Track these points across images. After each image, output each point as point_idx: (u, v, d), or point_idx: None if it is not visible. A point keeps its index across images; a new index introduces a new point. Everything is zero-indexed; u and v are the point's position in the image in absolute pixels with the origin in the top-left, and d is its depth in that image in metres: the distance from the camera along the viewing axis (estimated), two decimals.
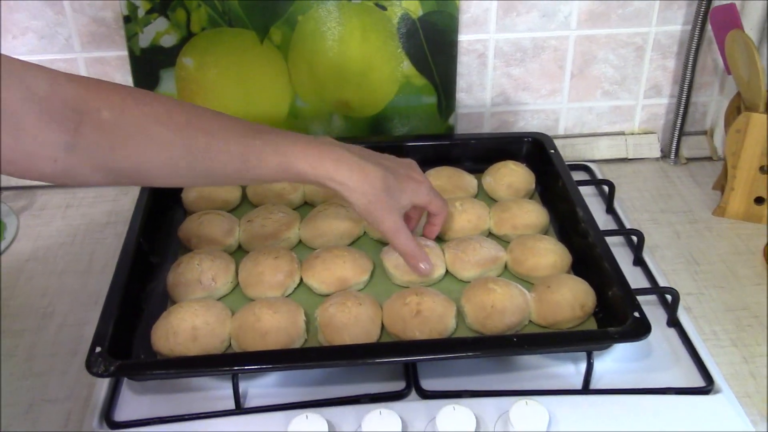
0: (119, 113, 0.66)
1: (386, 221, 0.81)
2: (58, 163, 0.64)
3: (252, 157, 0.73)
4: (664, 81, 1.20)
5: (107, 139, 0.66)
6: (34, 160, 0.63)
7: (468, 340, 0.79)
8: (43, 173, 0.65)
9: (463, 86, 1.17)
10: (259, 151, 0.73)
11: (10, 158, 0.62)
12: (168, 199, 1.04)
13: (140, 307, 0.88)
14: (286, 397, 0.78)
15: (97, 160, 0.66)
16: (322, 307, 0.84)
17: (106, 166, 0.67)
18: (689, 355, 0.83)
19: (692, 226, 1.08)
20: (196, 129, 0.70)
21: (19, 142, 0.62)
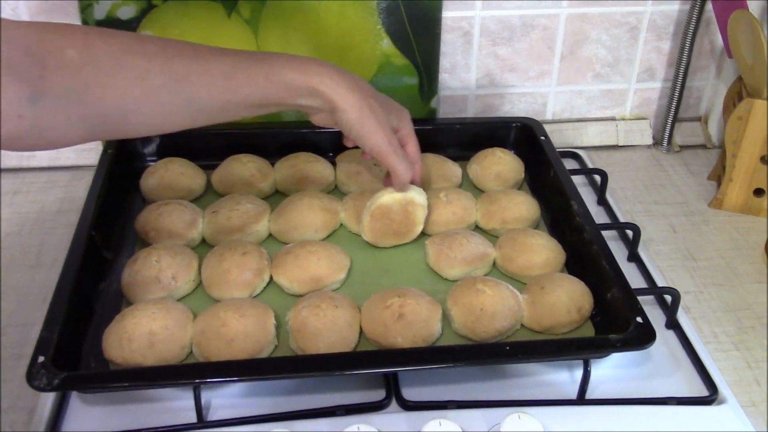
0: (85, 49, 0.60)
1: (378, 133, 0.76)
2: (25, 120, 0.58)
3: (236, 73, 0.68)
4: (659, 64, 1.16)
5: (77, 81, 0.60)
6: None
7: (456, 348, 0.72)
8: (8, 134, 0.58)
9: (447, 66, 1.12)
10: (243, 66, 0.68)
11: None
12: (125, 186, 0.97)
13: (91, 308, 0.80)
14: (253, 408, 0.72)
15: (69, 107, 0.60)
16: (295, 309, 0.76)
17: (80, 114, 0.61)
18: (690, 360, 0.79)
19: (688, 219, 1.04)
20: (172, 54, 0.65)
21: None
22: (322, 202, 0.90)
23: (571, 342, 0.74)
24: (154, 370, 0.71)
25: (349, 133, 0.76)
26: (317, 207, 0.89)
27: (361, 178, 0.96)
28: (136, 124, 0.65)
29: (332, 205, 0.91)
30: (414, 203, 0.86)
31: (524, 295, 0.80)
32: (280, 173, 0.97)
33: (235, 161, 0.97)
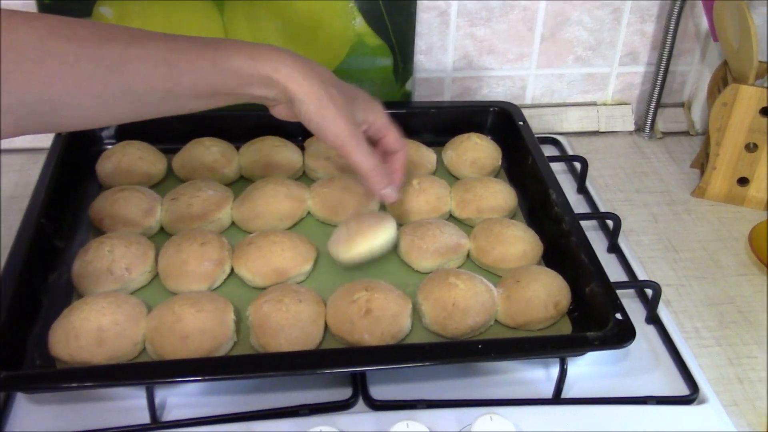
0: (7, 34, 0.54)
1: (339, 124, 0.68)
2: None
3: (179, 59, 0.61)
4: (642, 47, 1.13)
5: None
6: None
7: (425, 346, 0.68)
8: None
9: (422, 48, 1.08)
10: (185, 51, 0.61)
11: None
12: (81, 171, 0.92)
13: (39, 301, 0.76)
14: (212, 407, 0.69)
15: None
16: (255, 304, 0.72)
17: (4, 104, 0.55)
18: (670, 356, 0.77)
19: (670, 208, 1.01)
20: (105, 39, 0.58)
21: None
22: (288, 189, 0.86)
23: (546, 340, 0.71)
24: (100, 369, 0.66)
25: (308, 125, 0.69)
26: (282, 194, 0.85)
27: (330, 165, 0.92)
28: (67, 116, 0.59)
29: (299, 193, 0.87)
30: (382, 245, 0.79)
31: (499, 289, 0.76)
32: (245, 158, 0.93)
33: (198, 145, 0.92)
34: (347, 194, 0.86)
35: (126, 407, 0.68)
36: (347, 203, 0.85)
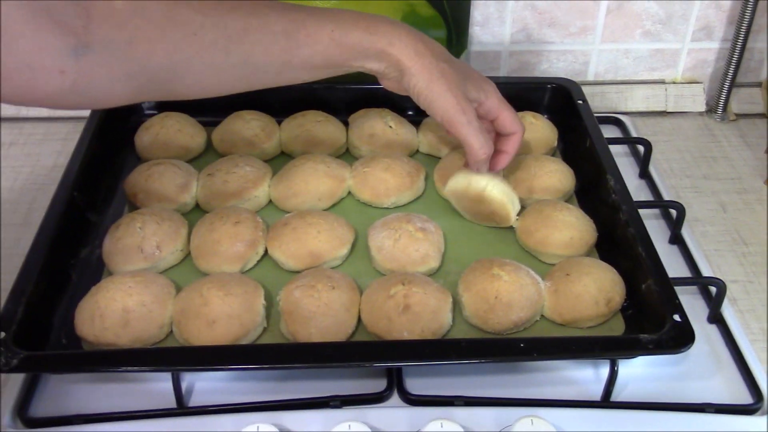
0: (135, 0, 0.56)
1: (448, 99, 0.68)
2: (67, 76, 0.53)
3: (299, 30, 0.63)
4: (717, 21, 1.08)
5: (124, 33, 0.55)
6: (35, 73, 0.52)
7: (462, 343, 0.64)
8: (48, 92, 0.54)
9: (479, 19, 1.05)
10: (305, 23, 0.63)
11: (4, 74, 0.51)
12: (120, 142, 0.90)
13: (68, 277, 0.74)
14: (238, 394, 0.68)
15: (114, 62, 0.56)
16: (286, 289, 0.70)
17: (125, 70, 0.57)
18: (733, 359, 0.73)
19: (740, 197, 0.96)
20: (229, 8, 0.60)
21: (12, 51, 0.50)
22: (329, 168, 0.83)
23: (594, 341, 0.66)
24: (121, 353, 0.65)
25: (417, 99, 0.70)
26: (322, 173, 0.82)
27: (375, 142, 0.88)
28: (185, 84, 0.61)
29: (339, 171, 0.83)
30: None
31: (546, 283, 0.72)
32: (286, 133, 0.90)
33: (238, 118, 0.90)
34: (389, 175, 0.82)
35: (152, 390, 0.67)
36: (389, 184, 0.82)
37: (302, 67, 0.65)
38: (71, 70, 0.54)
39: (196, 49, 0.59)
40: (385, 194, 0.82)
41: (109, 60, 0.55)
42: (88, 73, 0.55)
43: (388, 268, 0.74)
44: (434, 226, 0.77)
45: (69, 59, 0.53)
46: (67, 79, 0.54)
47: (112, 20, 0.54)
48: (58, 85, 0.54)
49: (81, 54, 0.53)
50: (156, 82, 0.59)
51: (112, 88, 0.57)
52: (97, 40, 0.54)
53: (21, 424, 0.64)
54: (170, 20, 0.57)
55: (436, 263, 0.75)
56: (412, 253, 0.74)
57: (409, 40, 0.67)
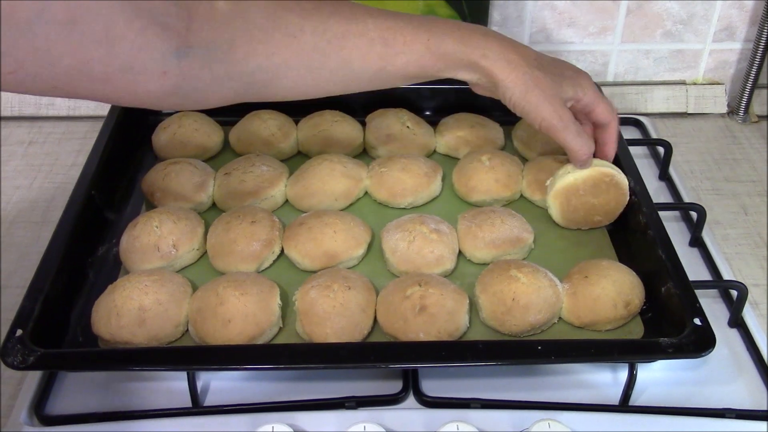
0: (237, 1, 0.57)
1: (545, 108, 0.69)
2: (168, 77, 0.54)
3: (396, 39, 0.64)
4: (740, 21, 1.06)
5: (226, 34, 0.56)
6: (136, 75, 0.53)
7: (479, 345, 0.64)
8: (149, 92, 0.54)
9: (497, 19, 1.04)
10: (402, 31, 0.64)
11: (104, 75, 0.51)
12: (137, 141, 0.91)
13: (85, 275, 0.75)
14: (253, 394, 0.68)
15: (215, 63, 0.56)
16: (302, 289, 0.69)
17: (226, 71, 0.57)
18: (754, 364, 0.72)
19: (762, 200, 0.94)
20: (329, 13, 0.61)
21: (115, 53, 0.51)
22: (345, 168, 0.82)
23: (613, 344, 0.65)
24: (137, 352, 0.65)
25: (514, 110, 0.70)
26: (339, 172, 0.82)
27: (392, 142, 0.87)
28: (283, 86, 0.62)
29: (356, 171, 0.83)
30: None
31: (565, 285, 0.71)
32: (303, 132, 0.90)
33: (255, 118, 0.90)
34: (406, 175, 0.82)
35: (168, 389, 0.67)
36: (406, 185, 0.81)
37: (396, 73, 0.66)
38: (173, 72, 0.54)
39: (295, 51, 0.59)
40: (402, 194, 0.82)
41: (210, 61, 0.56)
42: (189, 74, 0.55)
43: (403, 270, 0.73)
44: (448, 228, 0.76)
45: (171, 60, 0.53)
46: (169, 81, 0.54)
47: (213, 21, 0.55)
48: (159, 86, 0.54)
49: (183, 55, 0.54)
50: (255, 83, 0.60)
51: (211, 90, 0.58)
52: (199, 41, 0.54)
53: (37, 421, 0.65)
54: (271, 22, 0.58)
55: (450, 265, 0.74)
56: (427, 255, 0.73)
57: (502, 51, 0.67)
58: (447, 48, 0.66)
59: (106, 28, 0.49)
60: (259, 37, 0.57)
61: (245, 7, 0.57)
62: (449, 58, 0.66)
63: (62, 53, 0.49)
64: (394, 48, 0.64)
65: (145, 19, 0.51)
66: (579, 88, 0.71)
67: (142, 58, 0.52)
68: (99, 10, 0.49)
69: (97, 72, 0.51)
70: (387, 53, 0.64)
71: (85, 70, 0.50)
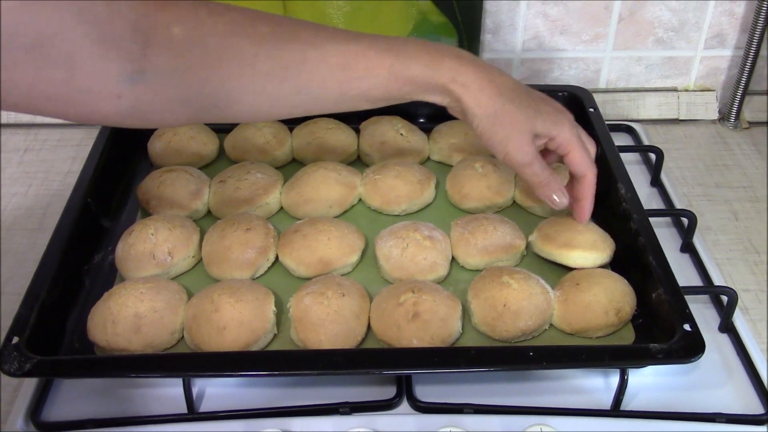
0: (192, 27, 0.56)
1: (511, 144, 0.67)
2: (123, 100, 0.55)
3: (357, 64, 0.62)
4: (731, 29, 1.07)
5: (181, 60, 0.56)
6: (94, 97, 0.54)
7: (471, 351, 0.65)
8: (106, 114, 0.55)
9: (490, 26, 1.04)
10: (364, 56, 0.62)
11: (64, 97, 0.52)
12: (132, 149, 0.91)
13: (81, 282, 0.75)
14: (248, 400, 0.68)
15: (170, 88, 0.56)
16: (297, 296, 0.70)
17: (181, 96, 0.57)
18: (744, 369, 0.72)
19: (753, 206, 0.95)
20: (286, 39, 0.60)
21: (74, 76, 0.52)
22: (340, 175, 0.83)
23: (604, 350, 0.66)
24: (133, 359, 0.65)
25: (479, 138, 0.68)
26: (333, 180, 0.82)
27: (386, 149, 0.88)
28: (240, 110, 0.61)
29: (350, 179, 0.84)
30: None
31: (556, 292, 0.71)
32: (298, 140, 0.90)
33: (250, 125, 0.90)
34: (400, 182, 0.82)
35: (163, 395, 0.68)
36: (400, 192, 0.82)
37: (359, 97, 0.64)
38: (127, 95, 0.54)
39: (250, 77, 0.59)
40: (396, 201, 0.82)
41: (164, 86, 0.56)
42: (143, 98, 0.55)
43: (397, 277, 0.74)
44: (441, 234, 0.77)
45: (125, 85, 0.54)
46: (123, 104, 0.55)
47: (169, 48, 0.55)
48: (114, 108, 0.55)
49: (137, 79, 0.54)
50: (210, 108, 0.60)
51: (167, 113, 0.58)
52: (153, 67, 0.55)
53: (34, 428, 0.65)
54: (226, 49, 0.57)
55: (444, 271, 0.75)
56: (420, 262, 0.74)
57: (475, 78, 0.64)
58: (413, 72, 0.63)
59: (70, 52, 0.51)
60: (213, 63, 0.57)
61: (200, 34, 0.56)
62: (416, 82, 0.63)
63: (25, 75, 0.50)
64: (355, 73, 0.62)
65: (105, 44, 0.52)
66: (554, 126, 0.68)
67: (99, 81, 0.53)
68: (65, 35, 0.50)
69: (57, 93, 0.52)
70: (348, 78, 0.62)
71: (45, 91, 0.51)
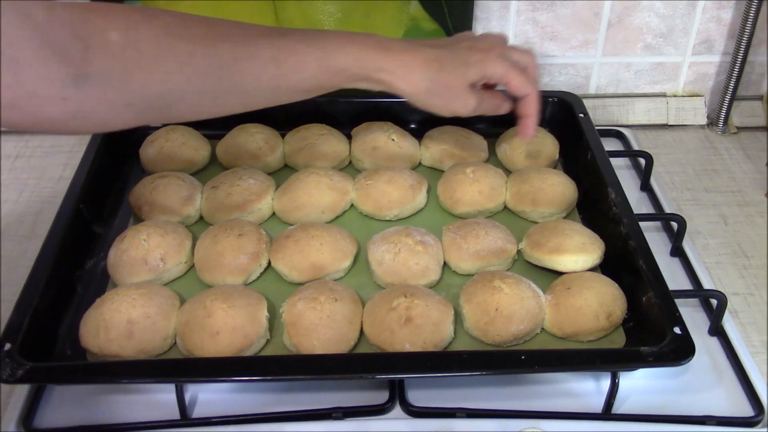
0: (129, 32, 0.58)
1: (454, 102, 0.71)
2: (69, 103, 0.56)
3: (287, 58, 0.64)
4: (718, 35, 1.07)
5: (120, 64, 0.58)
6: (40, 101, 0.55)
7: (463, 355, 0.65)
8: (52, 117, 0.57)
9: (481, 32, 1.00)
10: (293, 50, 0.65)
11: (12, 101, 0.54)
12: (124, 155, 0.91)
13: (74, 288, 0.75)
14: (241, 406, 0.68)
15: (112, 91, 0.58)
16: (290, 301, 0.70)
17: (123, 98, 0.59)
18: (734, 372, 0.72)
19: (742, 210, 0.95)
20: (219, 38, 0.62)
21: (20, 80, 0.53)
22: (332, 180, 0.83)
23: (595, 353, 0.66)
24: (125, 365, 0.65)
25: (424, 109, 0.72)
26: (325, 185, 0.82)
27: (378, 155, 0.88)
28: (182, 110, 0.64)
29: (342, 184, 0.84)
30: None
31: (548, 296, 0.71)
32: (290, 146, 0.90)
33: (242, 131, 0.90)
34: (391, 187, 0.82)
35: (156, 401, 0.67)
36: (392, 197, 0.82)
37: (293, 90, 0.67)
38: (73, 98, 0.56)
39: (188, 77, 0.60)
40: (388, 207, 0.82)
41: (106, 89, 0.58)
42: (88, 101, 0.57)
43: (389, 282, 0.74)
44: (433, 239, 0.77)
45: (70, 88, 0.55)
46: (69, 107, 0.56)
47: (107, 51, 0.57)
48: (59, 111, 0.56)
49: (81, 83, 0.56)
50: (153, 108, 0.61)
51: (111, 115, 0.60)
52: (95, 70, 0.56)
53: None
54: (162, 51, 0.59)
55: (436, 276, 0.75)
56: (413, 267, 0.74)
57: (399, 63, 0.67)
58: (341, 64, 0.66)
59: (15, 58, 0.52)
60: (151, 65, 0.59)
61: (136, 37, 0.58)
62: (344, 73, 0.67)
63: None
64: (286, 67, 0.64)
65: (47, 49, 0.54)
66: (485, 69, 0.71)
67: (44, 85, 0.54)
68: (11, 39, 0.52)
69: (6, 97, 0.53)
70: (279, 73, 0.64)
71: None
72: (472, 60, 0.71)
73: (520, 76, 0.72)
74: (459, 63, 0.70)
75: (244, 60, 0.62)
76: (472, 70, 0.70)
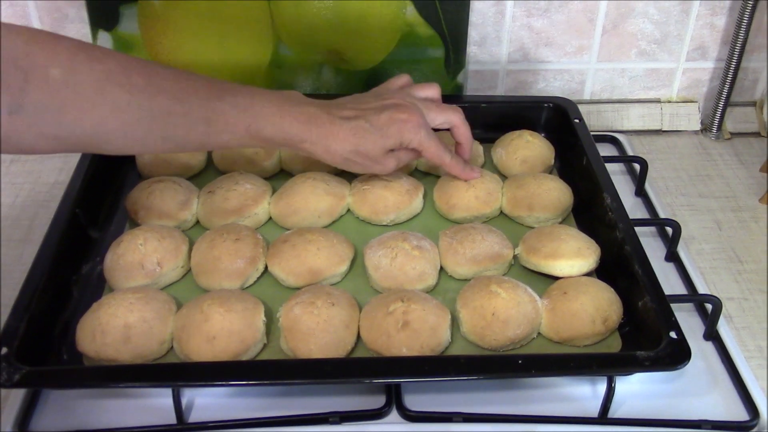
0: (69, 71, 0.60)
1: (374, 167, 0.77)
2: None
3: (218, 119, 0.67)
4: (712, 41, 1.08)
5: (56, 101, 0.59)
6: None
7: (461, 359, 0.65)
8: None
9: (476, 38, 1.05)
10: (225, 114, 0.68)
11: None
12: (120, 160, 0.90)
13: (70, 293, 0.75)
14: (238, 410, 0.68)
15: (43, 124, 0.60)
16: (286, 305, 0.70)
17: (54, 133, 0.61)
18: (729, 376, 0.73)
19: (736, 215, 0.95)
20: (156, 91, 0.64)
21: None
22: (329, 185, 0.83)
23: (591, 358, 0.66)
24: (122, 369, 0.65)
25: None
26: (322, 190, 0.82)
27: None
28: (110, 149, 0.65)
29: (339, 189, 0.84)
30: None
31: (544, 301, 0.72)
32: (286, 151, 0.90)
33: None
34: (388, 192, 0.83)
35: (153, 405, 0.67)
36: (388, 202, 0.82)
37: (220, 147, 0.75)
38: (4, 125, 0.57)
39: (121, 123, 0.62)
40: (384, 211, 0.82)
41: (37, 121, 0.59)
42: (17, 129, 0.58)
43: (386, 287, 0.74)
44: (430, 244, 0.77)
45: (3, 114, 0.57)
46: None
47: (46, 86, 0.58)
48: None
49: (14, 111, 0.57)
50: (81, 144, 0.63)
51: (40, 144, 0.61)
52: (30, 103, 0.58)
53: None
54: (100, 95, 0.61)
55: (433, 281, 0.75)
56: (409, 271, 0.74)
57: (320, 137, 0.71)
58: (267, 134, 0.70)
59: None
60: (87, 107, 0.60)
61: (77, 79, 0.60)
62: (270, 141, 0.71)
63: None
64: (216, 128, 0.67)
65: None
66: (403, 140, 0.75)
67: None
68: None
69: None
70: (209, 132, 0.67)
71: None
72: (390, 132, 0.74)
73: (435, 145, 0.78)
74: (378, 135, 0.74)
75: (176, 116, 0.65)
76: (390, 141, 0.74)
